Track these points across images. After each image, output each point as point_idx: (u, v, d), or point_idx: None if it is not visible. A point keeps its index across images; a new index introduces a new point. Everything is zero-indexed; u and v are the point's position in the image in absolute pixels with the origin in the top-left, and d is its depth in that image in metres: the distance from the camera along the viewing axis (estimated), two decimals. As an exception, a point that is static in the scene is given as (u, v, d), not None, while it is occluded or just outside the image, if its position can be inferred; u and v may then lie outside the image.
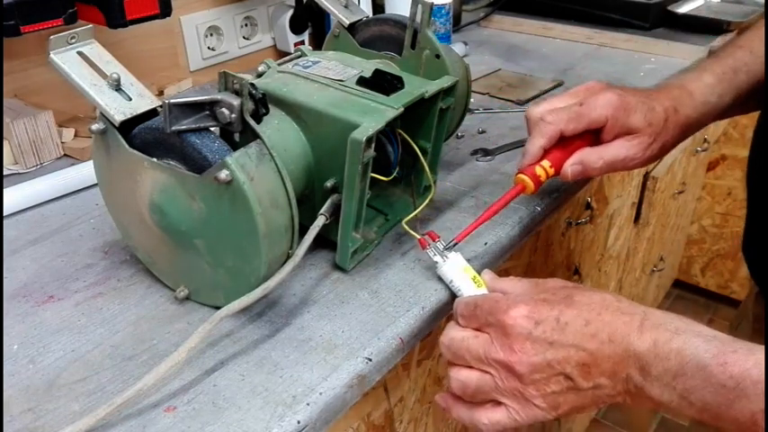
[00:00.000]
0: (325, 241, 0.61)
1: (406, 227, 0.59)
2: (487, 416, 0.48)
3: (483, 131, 0.88)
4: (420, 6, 0.67)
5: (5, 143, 0.78)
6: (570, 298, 0.47)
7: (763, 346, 0.40)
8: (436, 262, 0.57)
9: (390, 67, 0.68)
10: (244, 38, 1.11)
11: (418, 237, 0.57)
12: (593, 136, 0.61)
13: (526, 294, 0.49)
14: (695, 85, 0.63)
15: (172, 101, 0.47)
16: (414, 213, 0.62)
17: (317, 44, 1.15)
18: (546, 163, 0.60)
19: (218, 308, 0.50)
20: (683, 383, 0.41)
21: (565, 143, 0.61)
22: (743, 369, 0.39)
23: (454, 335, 0.49)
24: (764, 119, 0.64)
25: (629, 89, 0.62)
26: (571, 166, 0.60)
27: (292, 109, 0.58)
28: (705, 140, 1.55)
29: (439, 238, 0.57)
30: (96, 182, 0.60)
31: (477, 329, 0.49)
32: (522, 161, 0.61)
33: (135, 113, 0.52)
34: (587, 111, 0.59)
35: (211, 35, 1.07)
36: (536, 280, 0.51)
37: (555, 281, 0.51)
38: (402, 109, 0.57)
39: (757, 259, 0.66)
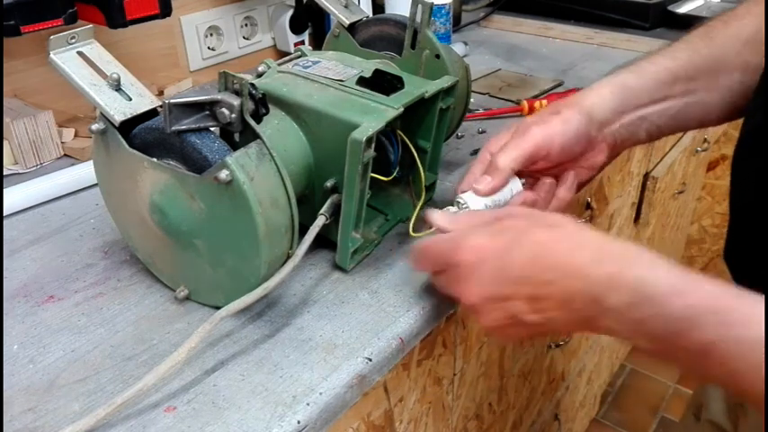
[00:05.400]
0: (325, 241, 0.61)
1: (413, 233, 0.60)
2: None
3: (483, 131, 0.88)
4: (420, 6, 0.67)
5: (5, 143, 0.78)
6: (525, 230, 0.46)
7: (728, 287, 0.39)
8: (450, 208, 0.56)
9: (390, 67, 0.68)
10: (244, 38, 1.11)
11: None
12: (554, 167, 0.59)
13: (480, 230, 0.48)
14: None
15: (172, 101, 0.47)
16: (413, 217, 0.62)
17: (317, 44, 1.15)
18: None
19: (218, 308, 0.50)
20: (638, 313, 0.39)
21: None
22: (699, 298, 0.38)
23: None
24: (749, 125, 0.62)
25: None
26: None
27: (292, 109, 0.58)
28: (705, 140, 1.55)
29: None
30: (96, 182, 0.60)
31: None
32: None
33: (135, 113, 0.52)
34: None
35: (211, 35, 1.07)
36: (496, 213, 0.50)
37: (516, 210, 0.51)
38: (402, 109, 0.57)
39: (740, 266, 0.65)
